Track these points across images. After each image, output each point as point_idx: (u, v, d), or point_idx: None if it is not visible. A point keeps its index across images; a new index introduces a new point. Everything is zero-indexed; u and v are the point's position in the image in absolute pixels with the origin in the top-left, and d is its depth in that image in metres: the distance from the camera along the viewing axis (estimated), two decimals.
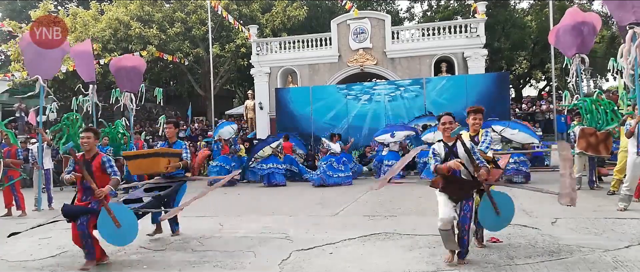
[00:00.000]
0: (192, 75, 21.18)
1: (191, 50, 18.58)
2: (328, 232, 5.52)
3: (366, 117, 14.31)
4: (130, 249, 5.06)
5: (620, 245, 4.41)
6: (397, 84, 14.42)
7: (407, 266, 4.00)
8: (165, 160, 5.25)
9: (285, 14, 19.09)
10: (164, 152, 5.30)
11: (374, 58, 15.75)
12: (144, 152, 5.53)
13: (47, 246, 5.27)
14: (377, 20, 15.98)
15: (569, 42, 8.80)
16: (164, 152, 5.29)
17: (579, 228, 5.21)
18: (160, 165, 5.20)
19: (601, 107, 8.18)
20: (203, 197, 5.18)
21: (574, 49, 8.75)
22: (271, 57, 16.68)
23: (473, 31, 15.04)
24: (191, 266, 4.29)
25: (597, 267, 3.77)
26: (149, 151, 5.46)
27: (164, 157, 5.25)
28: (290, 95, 15.15)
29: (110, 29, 17.99)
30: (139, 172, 5.40)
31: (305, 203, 8.34)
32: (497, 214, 4.00)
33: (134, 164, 5.45)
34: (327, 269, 4.07)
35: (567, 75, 9.85)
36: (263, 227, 5.98)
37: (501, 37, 22.18)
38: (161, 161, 5.20)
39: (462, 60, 15.17)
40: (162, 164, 5.20)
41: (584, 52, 8.76)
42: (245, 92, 22.26)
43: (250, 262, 4.33)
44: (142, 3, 18.58)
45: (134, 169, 5.42)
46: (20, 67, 17.88)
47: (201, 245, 5.13)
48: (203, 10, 18.45)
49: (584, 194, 8.12)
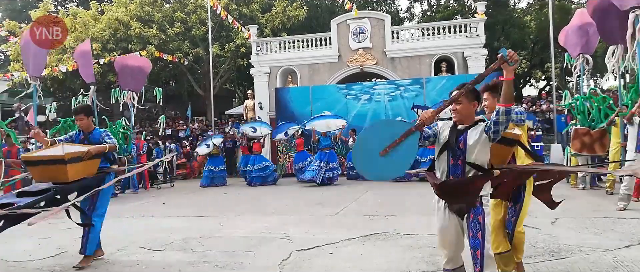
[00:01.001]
0: (192, 75, 21.16)
1: (191, 50, 18.57)
2: (328, 232, 5.52)
3: (366, 116, 14.32)
4: (130, 249, 5.06)
5: (620, 245, 4.41)
6: (397, 84, 14.42)
7: (407, 266, 3.99)
8: (74, 166, 4.06)
9: (285, 14, 19.08)
10: (71, 158, 4.00)
11: (374, 58, 15.75)
12: (45, 157, 4.11)
13: (46, 246, 5.26)
14: (377, 20, 15.98)
15: (575, 42, 8.87)
16: (70, 157, 3.99)
17: (579, 228, 5.21)
18: (69, 173, 3.99)
19: (595, 104, 8.15)
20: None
21: (579, 49, 8.82)
22: (271, 57, 16.67)
23: (473, 31, 15.04)
24: (191, 266, 4.29)
25: (597, 266, 3.77)
26: (52, 156, 4.07)
27: (71, 164, 4.01)
28: (290, 95, 15.15)
29: (110, 29, 17.97)
30: (44, 180, 4.09)
31: (305, 203, 8.34)
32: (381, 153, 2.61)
33: (37, 170, 4.17)
34: (327, 269, 4.06)
35: (568, 75, 9.89)
36: (263, 227, 5.97)
37: (501, 37, 22.17)
38: (69, 168, 3.97)
39: (462, 60, 15.17)
40: (70, 172, 4.00)
41: (588, 52, 8.82)
42: (245, 92, 22.24)
43: (250, 262, 4.33)
44: (142, 3, 18.56)
45: (37, 176, 4.17)
46: (20, 67, 17.87)
47: (201, 245, 5.12)
48: (203, 10, 18.44)
49: (584, 193, 8.12)
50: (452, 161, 2.68)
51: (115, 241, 5.39)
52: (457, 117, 2.70)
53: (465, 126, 2.69)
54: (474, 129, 2.66)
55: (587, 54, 8.84)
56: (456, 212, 2.67)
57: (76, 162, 4.08)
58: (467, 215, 2.64)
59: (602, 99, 8.17)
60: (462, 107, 2.68)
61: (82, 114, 4.56)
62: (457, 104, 2.68)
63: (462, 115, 2.69)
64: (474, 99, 2.71)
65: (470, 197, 2.62)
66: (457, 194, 2.67)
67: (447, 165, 2.70)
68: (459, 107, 2.69)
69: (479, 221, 2.59)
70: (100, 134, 4.60)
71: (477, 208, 2.61)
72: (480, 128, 2.64)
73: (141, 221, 7.06)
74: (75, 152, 4.10)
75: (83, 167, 4.18)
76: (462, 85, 2.68)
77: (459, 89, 2.67)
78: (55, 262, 4.56)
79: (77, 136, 4.63)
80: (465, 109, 2.69)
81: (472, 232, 2.60)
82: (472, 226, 2.61)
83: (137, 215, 7.52)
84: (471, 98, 2.69)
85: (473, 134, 2.64)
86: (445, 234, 2.71)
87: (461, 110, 2.69)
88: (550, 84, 20.08)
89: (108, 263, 4.50)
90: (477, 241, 2.57)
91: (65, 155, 3.97)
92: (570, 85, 9.57)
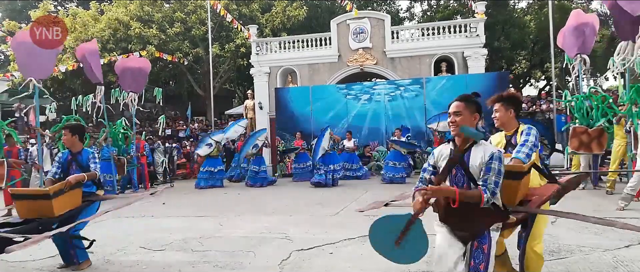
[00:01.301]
0: (192, 75, 21.16)
1: (191, 50, 18.57)
2: (328, 232, 5.52)
3: (366, 116, 14.33)
4: (130, 249, 5.06)
5: (620, 245, 4.41)
6: (397, 84, 14.42)
7: (407, 266, 3.99)
8: (58, 200, 3.99)
9: (285, 14, 19.08)
10: (57, 191, 3.98)
11: (374, 58, 15.74)
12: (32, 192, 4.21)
13: (46, 247, 5.24)
14: (377, 20, 15.97)
15: (572, 43, 8.89)
16: (55, 191, 3.97)
17: (579, 228, 5.21)
18: (55, 208, 3.95)
19: (594, 103, 8.17)
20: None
21: (576, 49, 8.84)
22: (271, 57, 16.66)
23: (473, 31, 15.03)
24: (191, 266, 4.29)
25: (597, 266, 3.77)
26: (38, 191, 4.17)
27: (56, 198, 3.96)
28: (290, 95, 15.15)
29: (110, 29, 17.98)
30: (29, 215, 3.99)
31: (305, 203, 8.34)
32: (396, 244, 2.54)
33: (22, 205, 4.09)
34: (327, 269, 4.06)
35: (567, 75, 9.91)
36: (263, 227, 5.98)
37: (501, 37, 22.17)
38: (54, 203, 3.94)
39: (462, 60, 15.16)
40: (56, 206, 3.96)
41: (585, 52, 8.84)
42: (244, 92, 22.23)
43: (250, 262, 4.33)
44: (142, 3, 18.56)
45: (22, 211, 4.07)
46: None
47: (201, 245, 5.12)
48: (203, 10, 18.45)
49: (584, 193, 8.12)
50: (456, 188, 2.41)
51: (115, 241, 5.39)
52: (455, 132, 2.44)
53: (466, 146, 2.40)
54: (476, 148, 2.39)
55: (585, 54, 8.85)
56: (460, 239, 2.41)
57: (60, 195, 4.02)
58: (471, 243, 2.39)
59: (602, 98, 8.18)
60: (462, 119, 2.41)
61: (67, 130, 4.45)
62: (456, 115, 2.43)
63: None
64: (475, 111, 2.45)
65: (478, 228, 2.38)
66: (464, 223, 2.39)
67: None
68: (459, 119, 2.41)
69: (484, 251, 2.35)
70: (87, 157, 4.44)
71: (484, 237, 2.37)
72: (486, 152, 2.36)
73: (141, 221, 7.06)
74: (57, 186, 4.03)
75: (68, 199, 4.11)
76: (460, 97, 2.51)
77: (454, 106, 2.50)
78: (55, 262, 4.57)
79: (64, 157, 4.49)
80: (465, 122, 2.41)
81: (474, 263, 2.35)
82: (475, 255, 2.37)
83: (137, 215, 7.52)
84: (472, 109, 2.43)
85: (477, 155, 2.36)
86: (444, 257, 2.41)
87: (461, 122, 2.41)
88: (550, 84, 20.08)
89: (108, 263, 4.50)
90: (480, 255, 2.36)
91: (49, 189, 3.94)
92: (570, 85, 9.55)
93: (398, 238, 2.51)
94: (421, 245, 2.52)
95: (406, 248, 2.53)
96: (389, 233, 2.55)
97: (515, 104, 3.10)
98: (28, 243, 3.29)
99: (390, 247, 2.56)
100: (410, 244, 2.52)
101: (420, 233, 2.50)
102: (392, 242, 2.53)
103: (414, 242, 2.51)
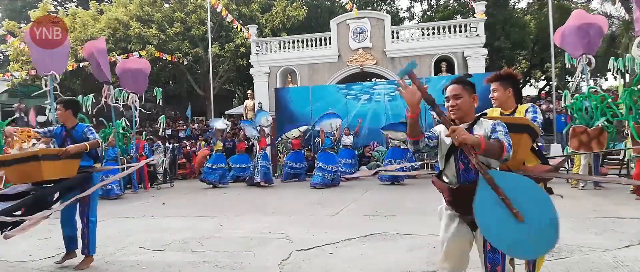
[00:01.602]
0: (192, 75, 21.16)
1: (190, 50, 18.57)
2: (328, 232, 5.52)
3: (366, 117, 14.31)
4: (130, 249, 5.06)
5: (620, 245, 4.41)
6: (397, 84, 14.40)
7: (407, 266, 3.99)
8: (49, 164, 3.89)
9: (285, 14, 19.08)
10: (48, 154, 3.90)
11: (374, 58, 15.74)
12: (20, 155, 4.03)
13: (46, 247, 5.25)
14: (377, 20, 15.97)
15: (576, 43, 8.84)
16: (46, 154, 3.89)
17: (579, 228, 5.21)
18: (44, 171, 3.84)
19: (593, 103, 8.19)
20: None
21: (581, 50, 8.79)
22: (271, 56, 16.67)
23: (473, 31, 15.03)
24: (191, 266, 4.28)
25: (597, 266, 3.77)
26: (26, 153, 4.04)
27: (46, 161, 3.86)
28: (289, 95, 15.15)
29: (110, 29, 17.97)
30: (20, 180, 3.92)
31: (305, 203, 8.34)
32: (517, 217, 2.05)
33: (12, 170, 3.98)
34: (327, 269, 4.06)
35: (568, 75, 9.91)
36: (263, 227, 5.97)
37: (501, 37, 22.17)
38: (43, 165, 3.82)
39: (462, 60, 15.16)
40: (45, 170, 3.85)
41: (590, 53, 8.80)
42: (244, 92, 22.25)
43: (250, 263, 4.33)
44: (142, 3, 18.56)
45: (13, 177, 3.99)
46: (20, 67, 17.85)
47: (201, 245, 5.12)
48: (202, 10, 18.45)
49: (584, 193, 8.12)
50: (462, 166, 2.34)
51: (115, 241, 5.39)
52: (457, 114, 2.40)
53: (467, 124, 2.36)
54: (477, 126, 2.37)
55: (590, 55, 8.82)
56: (469, 224, 2.32)
57: (52, 159, 3.92)
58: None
59: (601, 97, 8.20)
60: (462, 101, 2.38)
61: (61, 105, 4.38)
62: (456, 98, 2.38)
63: (462, 111, 2.39)
64: (473, 92, 2.44)
65: None
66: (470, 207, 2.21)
67: (457, 171, 2.36)
68: (460, 101, 2.38)
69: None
70: (82, 130, 4.37)
71: None
72: (485, 125, 2.36)
73: (141, 221, 7.06)
74: (50, 150, 3.98)
75: (62, 166, 4.00)
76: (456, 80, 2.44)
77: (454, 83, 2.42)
78: (55, 263, 4.56)
79: (59, 130, 4.44)
80: (466, 104, 2.39)
81: (491, 246, 2.23)
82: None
83: (137, 215, 7.52)
84: (471, 91, 2.42)
85: (479, 132, 2.32)
86: (452, 247, 2.34)
87: (462, 105, 2.38)
88: (550, 84, 20.09)
89: (108, 263, 4.49)
90: (497, 255, 2.25)
91: (39, 151, 3.86)
92: (570, 85, 9.55)
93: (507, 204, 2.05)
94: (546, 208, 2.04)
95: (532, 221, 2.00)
96: (490, 206, 2.07)
97: (514, 83, 2.98)
98: (26, 226, 3.10)
99: (512, 227, 2.03)
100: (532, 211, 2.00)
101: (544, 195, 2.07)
102: (510, 217, 2.03)
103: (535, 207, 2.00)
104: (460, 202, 2.31)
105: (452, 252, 2.36)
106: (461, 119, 2.40)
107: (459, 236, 2.34)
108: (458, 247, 2.35)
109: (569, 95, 10.29)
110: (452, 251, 2.36)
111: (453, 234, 2.35)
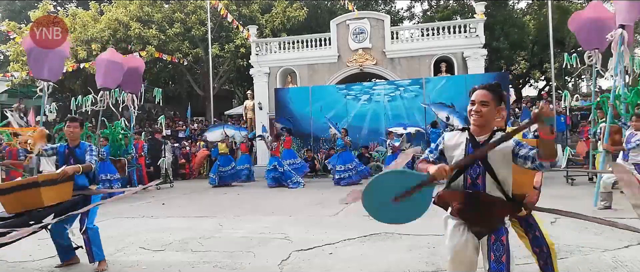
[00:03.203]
0: (192, 76, 21.17)
1: (190, 51, 18.58)
2: (328, 232, 5.52)
3: (366, 117, 14.33)
4: (130, 249, 5.06)
5: (620, 245, 4.42)
6: (397, 84, 14.43)
7: (407, 266, 4.00)
8: (48, 189, 3.87)
9: (285, 15, 19.09)
10: (47, 180, 3.88)
11: (374, 58, 15.74)
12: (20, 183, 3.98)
13: (46, 247, 5.24)
14: (377, 20, 15.97)
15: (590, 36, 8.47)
16: (46, 179, 3.88)
17: (579, 228, 5.21)
18: (43, 197, 3.82)
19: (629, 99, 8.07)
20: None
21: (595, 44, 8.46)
22: (270, 57, 16.67)
23: (472, 31, 15.04)
24: (191, 266, 4.29)
25: (596, 267, 3.77)
26: (26, 180, 4.06)
27: (46, 187, 3.84)
28: (289, 95, 15.15)
29: (110, 29, 17.96)
30: (17, 209, 3.84)
31: (305, 203, 8.34)
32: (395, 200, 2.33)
33: (10, 199, 3.87)
34: (327, 269, 4.07)
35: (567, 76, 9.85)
36: (263, 227, 5.98)
37: (500, 37, 22.18)
38: (43, 191, 3.81)
39: (462, 60, 15.16)
40: (45, 196, 3.83)
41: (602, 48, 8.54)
42: (244, 92, 22.23)
43: (250, 263, 4.33)
44: (142, 3, 18.56)
45: (9, 206, 3.88)
46: (20, 67, 17.85)
47: (201, 245, 5.12)
48: (202, 11, 18.45)
49: (584, 193, 8.12)
50: (470, 180, 2.34)
51: (115, 241, 5.39)
52: (479, 121, 2.32)
53: (485, 138, 2.31)
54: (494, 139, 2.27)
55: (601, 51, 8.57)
56: (475, 233, 2.34)
57: (51, 185, 3.88)
58: (488, 236, 2.30)
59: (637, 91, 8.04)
60: (488, 110, 2.30)
61: (78, 123, 4.39)
62: (483, 105, 2.29)
63: (485, 119, 2.31)
64: (500, 104, 2.34)
65: (495, 222, 2.30)
66: (481, 218, 2.30)
67: (464, 184, 2.36)
68: (485, 109, 2.29)
69: (503, 242, 2.26)
70: (84, 150, 4.35)
71: (500, 229, 2.29)
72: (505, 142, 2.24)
73: (141, 221, 7.06)
74: (49, 175, 3.94)
75: (58, 190, 3.96)
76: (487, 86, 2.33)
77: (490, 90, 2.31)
78: (55, 263, 4.56)
79: (62, 149, 4.42)
80: (490, 113, 2.31)
81: (495, 256, 2.25)
82: (494, 248, 2.27)
83: (137, 215, 7.52)
84: (498, 102, 2.32)
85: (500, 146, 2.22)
86: (461, 255, 2.34)
87: (487, 113, 2.30)
88: (550, 84, 20.09)
89: (108, 263, 4.49)
90: (502, 265, 2.24)
91: (39, 177, 3.84)
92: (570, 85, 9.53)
93: (402, 194, 2.29)
94: (420, 209, 2.36)
95: (401, 208, 2.33)
96: (392, 187, 2.31)
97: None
98: (15, 235, 3.05)
99: (384, 202, 2.33)
100: (409, 205, 2.32)
101: (428, 197, 2.34)
102: (389, 198, 2.31)
103: (414, 204, 2.33)
104: (469, 216, 2.32)
105: (462, 260, 2.36)
106: (481, 126, 2.34)
107: (467, 244, 2.33)
108: (468, 255, 2.34)
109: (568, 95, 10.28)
110: (463, 260, 2.35)
111: (461, 243, 2.34)
